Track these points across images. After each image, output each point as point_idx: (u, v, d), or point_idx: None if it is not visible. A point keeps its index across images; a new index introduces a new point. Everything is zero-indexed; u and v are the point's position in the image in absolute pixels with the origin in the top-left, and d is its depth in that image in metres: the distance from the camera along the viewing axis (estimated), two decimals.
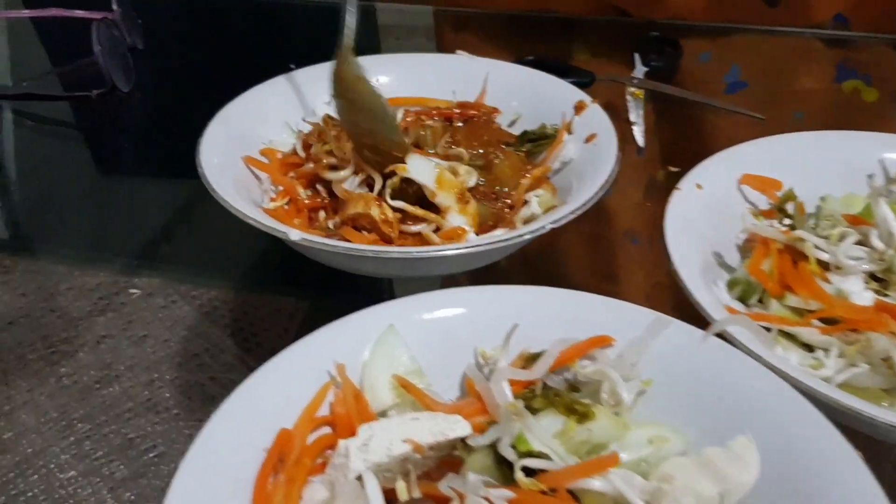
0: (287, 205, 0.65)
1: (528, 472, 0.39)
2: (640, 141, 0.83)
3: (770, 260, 0.55)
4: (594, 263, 0.74)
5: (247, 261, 0.77)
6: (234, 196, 0.59)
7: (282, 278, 0.75)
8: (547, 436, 0.42)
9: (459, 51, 0.80)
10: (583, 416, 0.43)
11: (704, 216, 0.58)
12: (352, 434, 0.44)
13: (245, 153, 0.68)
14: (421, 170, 0.60)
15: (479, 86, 0.77)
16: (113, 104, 0.99)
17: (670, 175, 0.79)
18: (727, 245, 0.60)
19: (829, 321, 0.51)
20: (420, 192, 0.61)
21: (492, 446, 0.41)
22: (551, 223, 0.55)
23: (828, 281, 0.53)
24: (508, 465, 0.40)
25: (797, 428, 0.42)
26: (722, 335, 0.46)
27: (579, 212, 0.56)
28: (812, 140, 0.66)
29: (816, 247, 0.54)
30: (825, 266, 0.55)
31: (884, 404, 0.49)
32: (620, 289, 0.72)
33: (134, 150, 0.99)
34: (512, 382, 0.45)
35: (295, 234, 0.55)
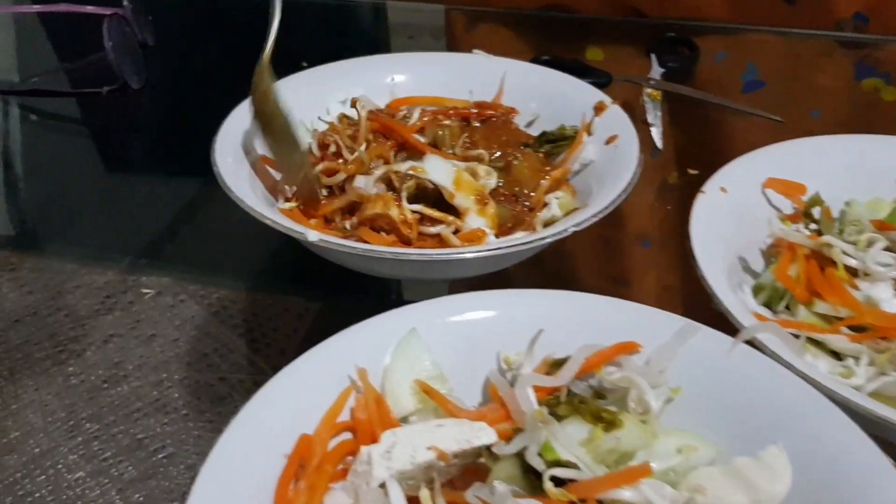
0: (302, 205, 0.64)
1: (556, 482, 0.39)
2: (659, 143, 0.82)
3: (797, 265, 0.54)
4: (604, 265, 0.73)
5: (256, 260, 0.76)
6: (251, 196, 0.58)
7: (291, 278, 0.74)
8: (573, 444, 0.41)
9: (476, 50, 0.79)
10: (610, 425, 0.42)
11: (729, 220, 0.57)
12: (373, 440, 0.43)
13: (260, 153, 0.67)
14: (438, 170, 0.59)
15: (496, 85, 0.76)
16: (123, 101, 0.98)
17: (688, 177, 0.78)
18: (751, 249, 0.59)
19: (858, 328, 0.51)
20: (438, 193, 0.60)
21: (518, 454, 0.40)
22: (574, 226, 0.54)
23: (856, 287, 0.53)
24: (535, 474, 0.39)
25: (830, 437, 0.41)
26: (750, 342, 0.46)
27: (601, 215, 0.56)
28: (836, 143, 0.65)
29: (844, 252, 0.53)
30: (853, 272, 0.54)
31: None
32: (630, 291, 0.71)
33: (144, 148, 0.98)
34: (536, 389, 0.44)
35: (313, 235, 0.54)
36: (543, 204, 0.62)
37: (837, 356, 0.51)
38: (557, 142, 0.68)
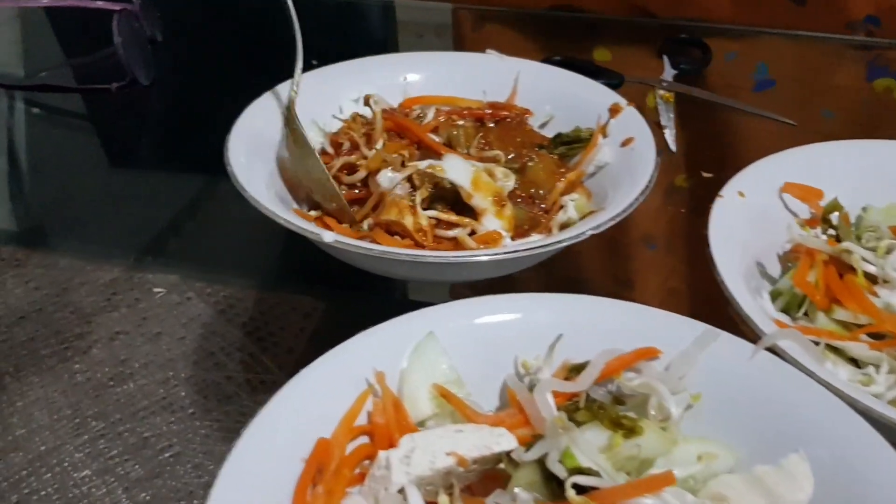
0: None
1: (577, 490, 0.38)
2: (672, 145, 0.82)
3: (815, 271, 0.54)
4: (609, 267, 0.73)
5: (263, 259, 0.76)
6: (265, 196, 0.58)
7: (298, 277, 0.74)
8: (593, 451, 0.40)
9: (489, 50, 0.78)
10: (630, 431, 0.42)
11: (746, 225, 0.57)
12: (391, 444, 0.43)
13: (273, 152, 0.67)
14: (457, 170, 0.59)
15: (510, 86, 0.76)
16: (132, 97, 0.97)
17: (697, 180, 0.78)
18: (768, 254, 0.58)
19: (878, 336, 0.50)
20: (456, 193, 0.59)
21: (538, 461, 0.40)
22: (591, 229, 0.54)
23: (875, 294, 0.52)
24: (555, 481, 0.39)
25: (851, 446, 0.40)
26: (770, 349, 0.45)
27: (619, 218, 0.55)
28: (853, 148, 0.65)
29: (864, 259, 0.53)
30: (872, 279, 0.53)
31: None
32: (635, 294, 0.71)
33: (152, 145, 0.98)
34: (554, 394, 0.44)
35: (328, 237, 0.54)
36: (559, 207, 0.62)
37: (857, 364, 0.51)
38: (572, 144, 0.68)
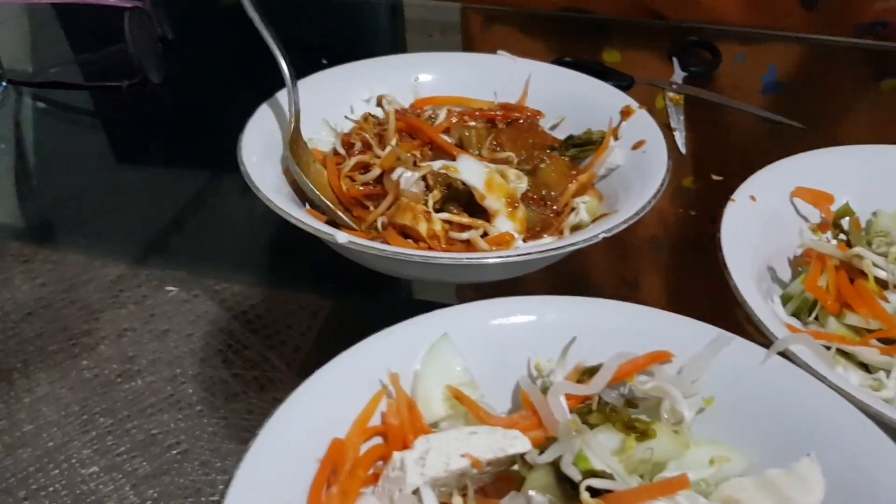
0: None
1: (591, 492, 0.38)
2: (682, 148, 0.82)
3: (826, 276, 0.54)
4: (617, 269, 0.73)
5: (271, 257, 0.76)
6: (278, 196, 0.58)
7: (306, 275, 0.74)
8: (606, 454, 0.41)
9: (500, 51, 0.79)
10: (643, 434, 0.42)
11: (758, 229, 0.57)
12: (404, 445, 0.43)
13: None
14: (471, 171, 0.59)
15: (521, 87, 0.76)
16: (143, 95, 0.97)
17: (704, 182, 0.78)
18: (779, 258, 0.59)
19: (888, 341, 0.51)
20: (468, 194, 0.59)
21: (552, 463, 0.40)
22: (604, 232, 0.54)
23: (886, 300, 0.52)
24: (569, 483, 0.39)
25: (863, 450, 0.41)
26: (782, 353, 0.45)
27: (632, 221, 0.55)
28: (864, 153, 0.65)
29: (875, 264, 0.53)
30: (883, 284, 0.54)
31: None
32: (642, 296, 0.71)
33: (161, 143, 0.98)
34: (567, 397, 0.44)
35: (342, 237, 0.54)
36: (571, 209, 0.62)
37: (867, 369, 0.51)
38: (584, 146, 0.68)
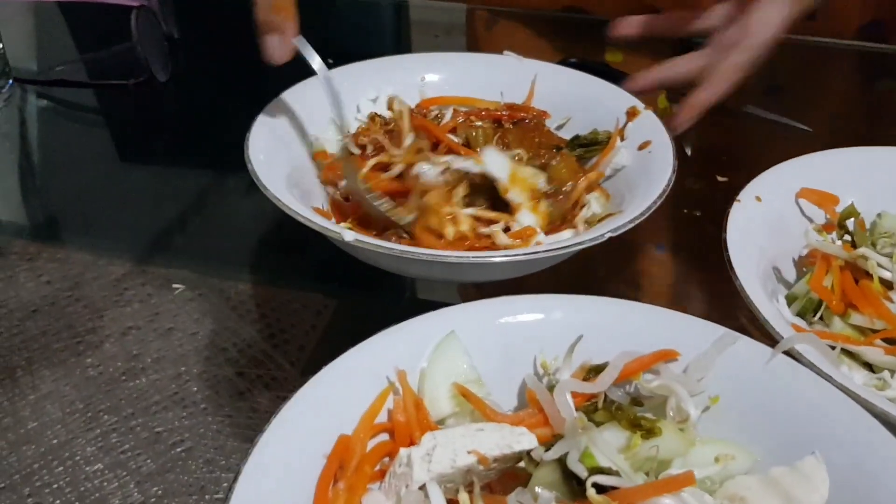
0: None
1: (597, 489, 0.39)
2: (687, 149, 0.82)
3: (831, 276, 0.54)
4: (621, 269, 0.73)
5: (275, 255, 0.76)
6: (285, 194, 0.58)
7: (310, 274, 0.74)
8: (612, 451, 0.41)
9: (507, 51, 0.79)
10: (649, 432, 0.42)
11: (763, 229, 0.57)
12: (411, 442, 0.43)
13: (292, 150, 0.67)
14: (496, 164, 0.59)
15: (527, 87, 0.76)
16: (149, 94, 0.98)
17: (707, 183, 0.78)
18: (784, 259, 0.59)
19: (893, 341, 0.51)
20: (490, 188, 0.60)
21: (558, 460, 0.40)
22: (610, 232, 0.55)
23: (890, 300, 0.53)
24: (575, 480, 0.39)
25: (868, 449, 0.41)
26: (788, 352, 0.46)
27: (638, 220, 0.55)
28: (869, 155, 0.65)
29: (879, 265, 0.53)
30: (888, 285, 0.54)
31: None
32: (646, 296, 0.71)
33: (166, 141, 0.98)
34: (573, 395, 0.44)
35: (349, 236, 0.54)
36: (582, 205, 0.62)
37: (872, 368, 0.51)
38: (590, 146, 0.68)
